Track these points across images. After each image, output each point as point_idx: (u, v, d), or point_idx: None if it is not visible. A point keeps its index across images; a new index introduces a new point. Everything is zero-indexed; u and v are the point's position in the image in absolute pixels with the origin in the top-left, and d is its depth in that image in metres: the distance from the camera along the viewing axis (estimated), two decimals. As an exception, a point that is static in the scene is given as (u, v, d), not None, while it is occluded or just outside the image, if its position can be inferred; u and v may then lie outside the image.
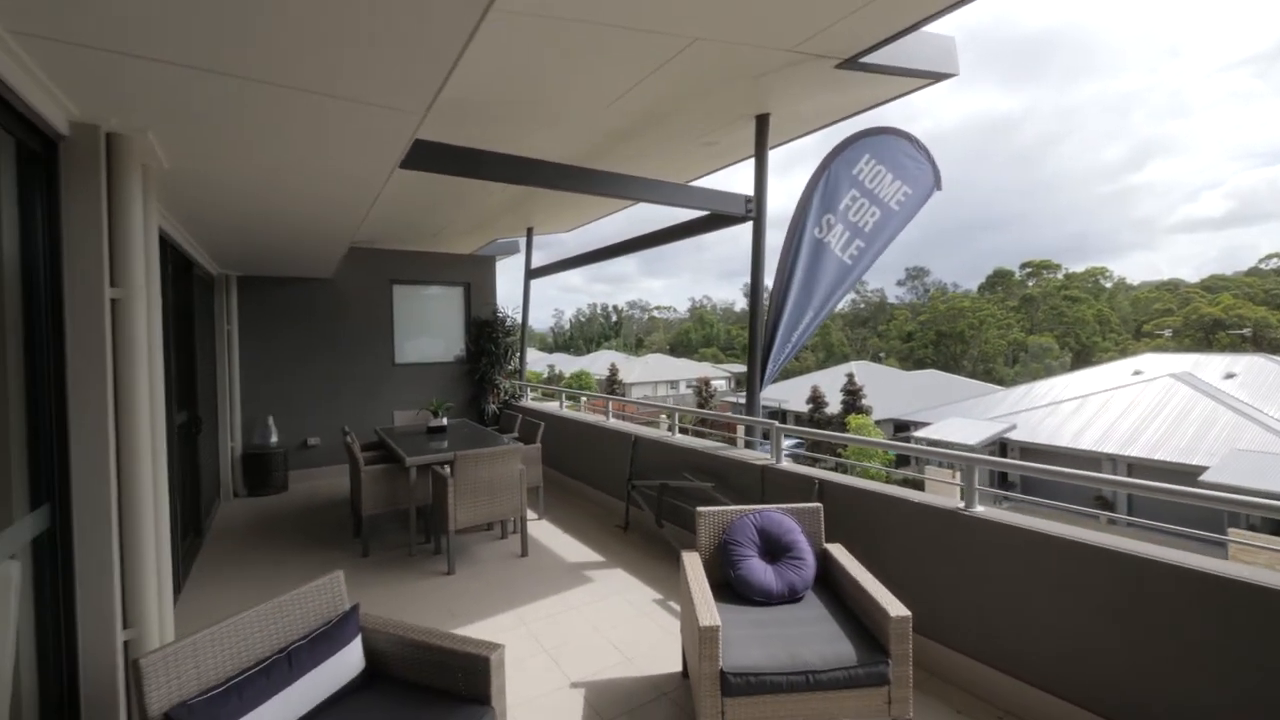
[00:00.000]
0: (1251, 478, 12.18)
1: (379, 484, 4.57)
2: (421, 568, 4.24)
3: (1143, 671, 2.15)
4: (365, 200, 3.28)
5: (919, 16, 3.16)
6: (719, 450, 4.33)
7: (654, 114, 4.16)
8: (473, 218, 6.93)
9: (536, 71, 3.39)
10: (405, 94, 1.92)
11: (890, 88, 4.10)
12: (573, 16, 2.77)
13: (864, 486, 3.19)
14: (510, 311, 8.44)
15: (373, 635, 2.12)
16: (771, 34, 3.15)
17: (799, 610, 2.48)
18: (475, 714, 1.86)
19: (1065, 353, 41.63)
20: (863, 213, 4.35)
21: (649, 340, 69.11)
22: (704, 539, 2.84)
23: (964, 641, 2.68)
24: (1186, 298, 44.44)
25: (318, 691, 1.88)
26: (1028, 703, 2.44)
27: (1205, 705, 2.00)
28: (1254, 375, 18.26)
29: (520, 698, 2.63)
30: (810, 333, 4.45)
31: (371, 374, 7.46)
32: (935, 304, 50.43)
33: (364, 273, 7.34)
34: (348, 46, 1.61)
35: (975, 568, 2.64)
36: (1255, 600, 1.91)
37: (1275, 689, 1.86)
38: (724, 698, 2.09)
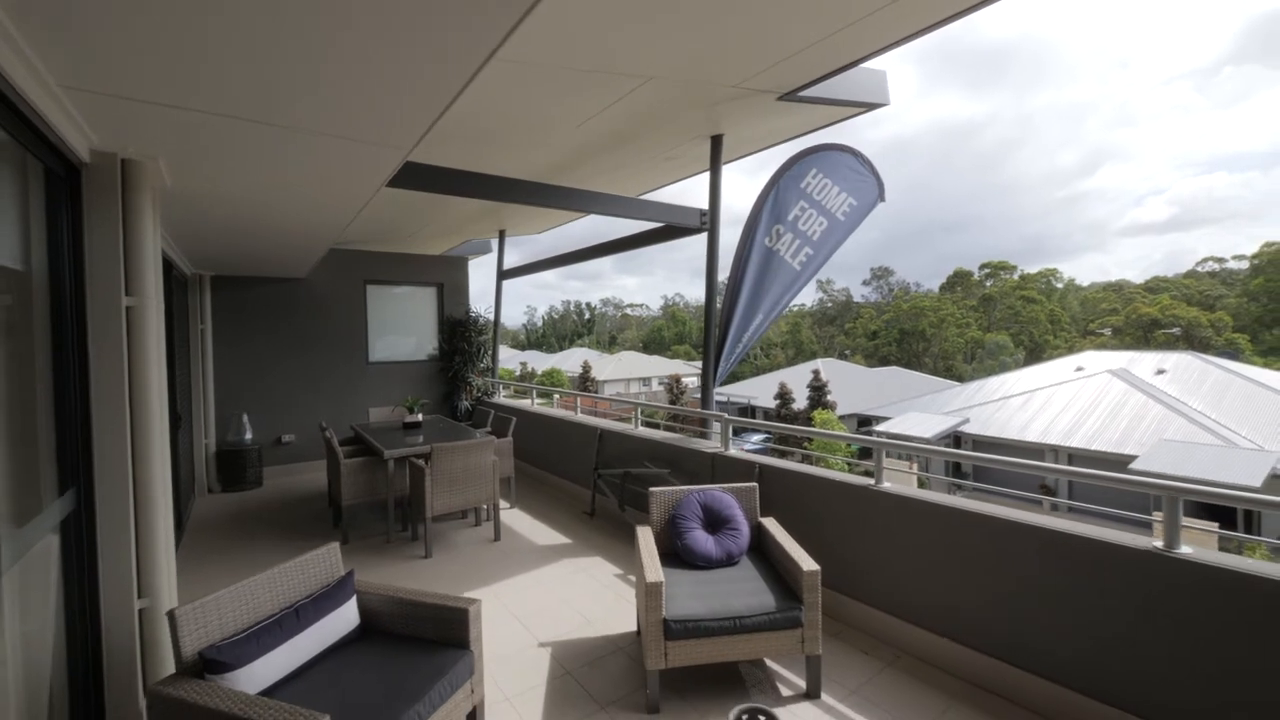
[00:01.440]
0: (1174, 465, 13.28)
1: (357, 476, 4.85)
2: (400, 553, 4.55)
3: (1006, 612, 2.64)
4: (349, 213, 3.58)
5: (847, 60, 3.61)
6: (675, 440, 4.75)
7: (617, 134, 4.54)
8: (447, 222, 7.19)
9: (509, 103, 3.75)
10: (394, 134, 2.27)
11: (829, 115, 4.57)
12: (540, 61, 3.14)
13: (795, 469, 3.65)
14: (483, 311, 8.72)
15: (366, 596, 2.46)
16: (717, 74, 3.57)
17: (734, 572, 2.91)
18: (456, 655, 2.23)
19: (1019, 350, 43.61)
20: (810, 222, 4.80)
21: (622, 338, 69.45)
22: (656, 515, 3.25)
23: (871, 595, 3.16)
24: (1130, 298, 47.00)
25: (321, 641, 2.22)
26: (919, 643, 2.92)
27: (1047, 632, 2.50)
28: (1182, 371, 19.64)
29: (494, 656, 2.99)
30: (761, 333, 4.89)
31: (346, 372, 7.67)
32: (899, 303, 52.13)
33: (338, 273, 7.53)
34: (345, 96, 1.94)
35: (880, 533, 3.12)
36: (1094, 551, 2.40)
37: (1104, 622, 2.36)
38: (666, 641, 2.51)
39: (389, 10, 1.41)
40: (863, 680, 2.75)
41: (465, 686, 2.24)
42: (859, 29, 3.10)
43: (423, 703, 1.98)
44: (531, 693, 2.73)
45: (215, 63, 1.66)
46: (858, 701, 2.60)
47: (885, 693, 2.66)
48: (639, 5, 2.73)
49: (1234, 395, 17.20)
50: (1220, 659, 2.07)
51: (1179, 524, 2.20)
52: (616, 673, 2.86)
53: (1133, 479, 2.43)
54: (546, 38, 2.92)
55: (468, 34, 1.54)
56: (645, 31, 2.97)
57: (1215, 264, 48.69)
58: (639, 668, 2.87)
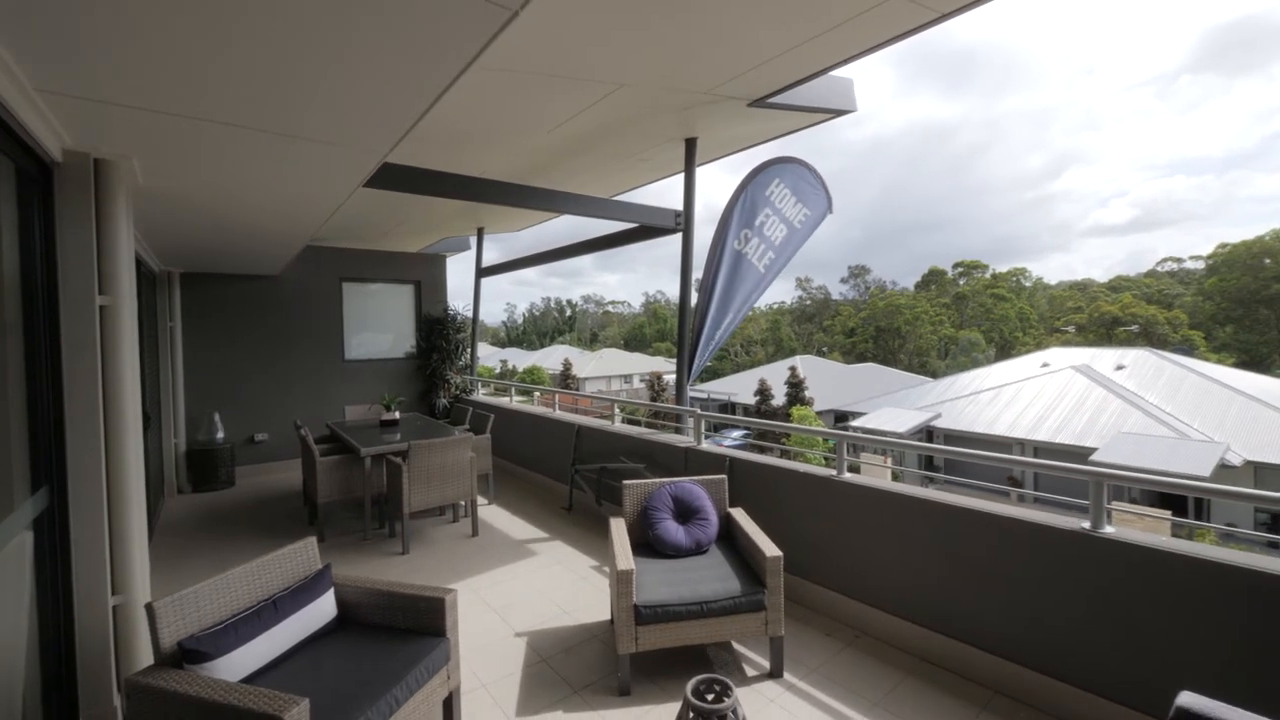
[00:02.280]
0: (1131, 457, 13.87)
1: (334, 473, 4.86)
2: (377, 549, 4.58)
3: (956, 593, 2.81)
4: (325, 213, 3.60)
5: (815, 69, 3.75)
6: (650, 435, 4.87)
7: (593, 136, 4.63)
8: (425, 219, 7.20)
9: (485, 106, 3.82)
10: (371, 138, 2.33)
11: (799, 120, 4.72)
12: (515, 67, 3.22)
13: (764, 461, 3.79)
14: (461, 308, 8.72)
15: (343, 589, 2.53)
16: (688, 81, 3.68)
17: (703, 560, 3.04)
18: (433, 642, 2.31)
19: (991, 347, 44.77)
20: (773, 228, 5.02)
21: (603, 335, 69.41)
22: (629, 507, 3.36)
23: (833, 579, 3.32)
24: (1094, 296, 48.57)
25: (299, 632, 2.28)
26: (877, 623, 3.09)
27: (994, 613, 2.67)
28: (1140, 367, 20.43)
29: (472, 646, 3.07)
30: (730, 332, 5.05)
31: (321, 370, 7.62)
32: (875, 301, 53.03)
33: (313, 270, 7.47)
34: (322, 101, 2.00)
35: (842, 522, 3.28)
36: (1033, 534, 2.58)
37: (1040, 597, 2.54)
38: (637, 626, 2.62)
39: (367, 20, 1.48)
40: (823, 659, 2.90)
41: (442, 672, 2.32)
42: (826, 39, 3.23)
43: (400, 687, 2.06)
44: (508, 679, 2.82)
45: (190, 68, 1.70)
46: (818, 679, 2.75)
47: (844, 670, 2.81)
48: (612, 16, 2.82)
49: (1187, 390, 17.96)
50: (1131, 625, 2.26)
51: (1104, 506, 2.39)
52: (590, 659, 2.97)
53: (1064, 466, 2.62)
54: (521, 44, 3.00)
55: (446, 43, 1.62)
56: (618, 40, 3.07)
57: (1174, 264, 50.60)
58: (612, 653, 2.98)
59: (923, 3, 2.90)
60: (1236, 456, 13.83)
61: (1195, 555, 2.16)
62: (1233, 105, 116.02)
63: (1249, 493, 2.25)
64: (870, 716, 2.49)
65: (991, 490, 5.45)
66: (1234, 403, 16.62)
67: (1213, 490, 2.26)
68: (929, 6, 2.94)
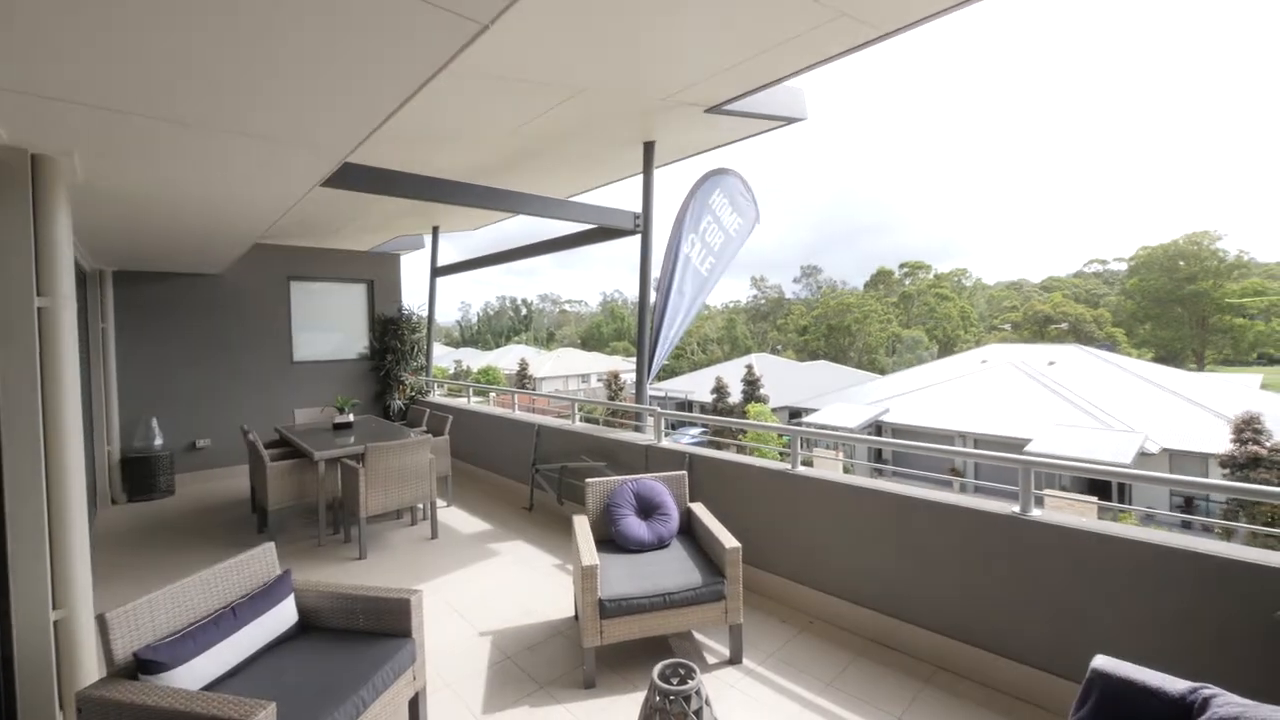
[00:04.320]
0: (1060, 446, 14.87)
1: (285, 479, 4.73)
2: (333, 555, 4.49)
3: (902, 577, 3.01)
4: (277, 212, 3.52)
5: (768, 79, 3.89)
6: (611, 434, 4.95)
7: (553, 137, 4.66)
8: (378, 218, 7.03)
9: (443, 108, 3.80)
10: (330, 141, 2.31)
11: (754, 127, 4.88)
12: (475, 73, 3.23)
13: (723, 457, 3.93)
14: (416, 308, 8.56)
15: (304, 594, 2.50)
16: (646, 87, 3.77)
17: (665, 554, 3.14)
18: (399, 644, 2.32)
19: (934, 344, 46.89)
20: (714, 235, 5.28)
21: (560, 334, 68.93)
22: (592, 504, 3.43)
23: (788, 569, 3.49)
24: (1028, 295, 51.59)
25: (260, 638, 2.25)
26: (829, 608, 3.27)
27: (936, 594, 2.88)
28: (1069, 362, 21.91)
29: (435, 648, 3.07)
30: (684, 331, 5.22)
31: (268, 372, 7.34)
32: (826, 300, 54.70)
33: (259, 269, 7.19)
34: (280, 103, 1.99)
35: (796, 513, 3.45)
36: (970, 519, 2.79)
37: (977, 577, 2.75)
38: (602, 620, 2.70)
39: (336, 27, 1.49)
40: (779, 644, 3.06)
41: (407, 673, 2.33)
42: (779, 52, 3.38)
43: (366, 688, 2.07)
44: (473, 679, 2.84)
45: (138, 64, 1.66)
46: (775, 663, 2.89)
47: (799, 654, 2.97)
48: (571, 25, 2.88)
49: (1111, 383, 19.36)
50: (1055, 599, 2.50)
51: (1031, 491, 2.62)
52: (555, 655, 3.03)
53: (995, 455, 2.85)
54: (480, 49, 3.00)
55: (415, 52, 1.64)
56: (578, 48, 3.13)
57: (1099, 265, 54.23)
58: (577, 648, 3.04)
59: (867, 22, 3.09)
60: (1154, 445, 15.02)
61: (1109, 534, 2.40)
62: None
63: (1164, 477, 2.53)
64: (823, 696, 2.65)
65: (936, 480, 5.79)
66: (1152, 395, 18.03)
67: (1132, 475, 2.51)
68: (873, 25, 3.13)
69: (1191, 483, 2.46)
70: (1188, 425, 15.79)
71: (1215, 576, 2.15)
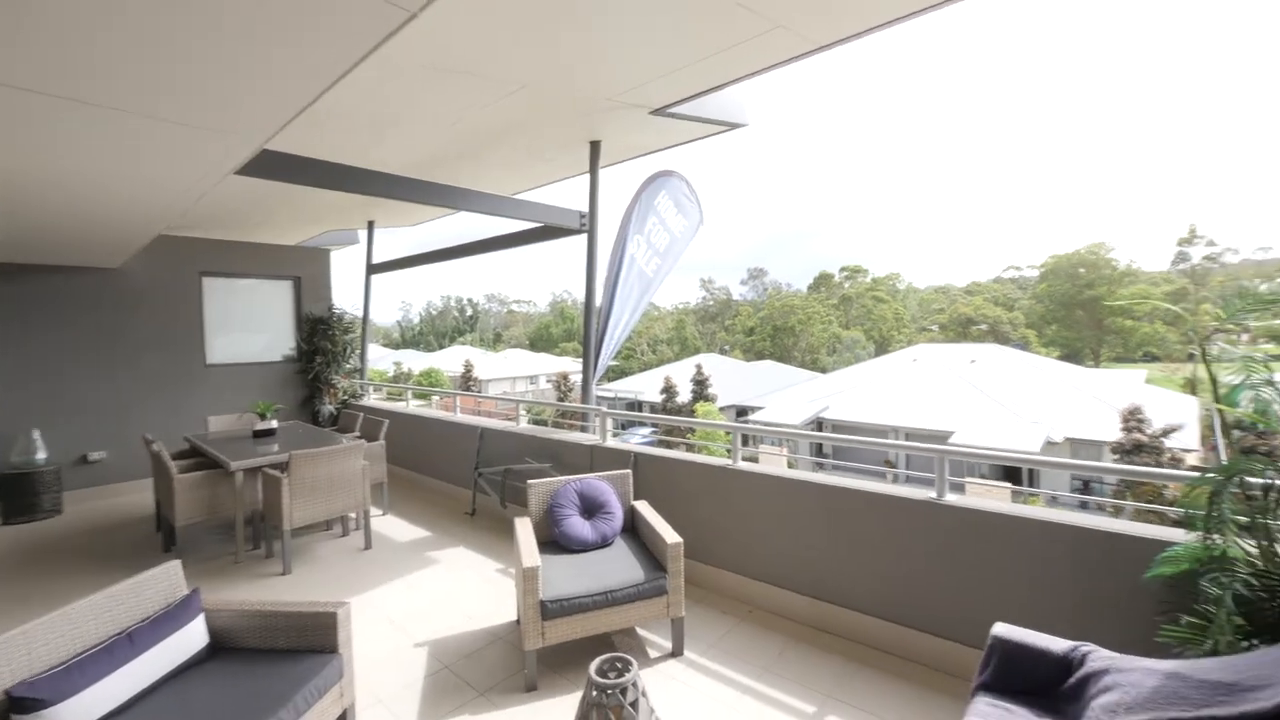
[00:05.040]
0: (980, 437, 15.89)
1: (196, 492, 4.38)
2: (253, 572, 4.20)
3: (834, 563, 3.12)
4: (186, 201, 3.25)
5: (710, 85, 3.95)
6: (556, 435, 4.89)
7: (495, 133, 4.56)
8: (305, 210, 6.66)
9: (378, 96, 3.65)
10: (247, 124, 2.16)
11: (698, 131, 4.95)
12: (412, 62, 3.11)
13: (667, 455, 3.96)
14: (349, 307, 8.17)
15: (216, 614, 2.32)
16: (590, 87, 3.75)
17: (609, 552, 3.13)
18: (324, 660, 2.19)
19: (871, 344, 49.14)
20: (659, 236, 5.34)
21: (508, 335, 67.59)
22: (534, 506, 3.37)
23: (729, 561, 3.55)
24: (954, 299, 54.94)
25: (163, 665, 2.07)
26: (767, 597, 3.36)
27: (864, 577, 3.01)
28: (989, 360, 23.50)
29: (368, 662, 2.92)
30: (628, 332, 5.23)
31: (177, 377, 6.79)
32: (772, 302, 56.22)
33: (165, 263, 6.63)
34: (190, 81, 1.84)
35: (737, 506, 3.51)
36: (895, 505, 2.92)
37: (902, 560, 2.89)
38: (543, 621, 2.65)
39: (255, 5, 1.39)
40: (720, 635, 3.10)
41: (334, 690, 2.21)
42: (720, 59, 3.45)
43: (286, 709, 1.94)
44: (407, 691, 2.72)
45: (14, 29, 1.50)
46: (715, 654, 2.93)
47: (738, 643, 3.03)
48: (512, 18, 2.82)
49: (1023, 379, 20.90)
50: (965, 576, 2.67)
51: (945, 478, 2.79)
52: (496, 660, 2.95)
53: (916, 446, 3.01)
54: (417, 38, 2.91)
55: (339, 37, 1.55)
56: (520, 42, 3.08)
57: (1015, 271, 58.42)
58: (519, 652, 2.98)
59: (803, 35, 3.19)
60: (1059, 434, 16.32)
61: (1011, 514, 2.58)
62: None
63: (1065, 462, 2.75)
64: (759, 681, 2.71)
65: (873, 473, 6.04)
66: (1057, 390, 19.59)
67: (1034, 461, 2.72)
68: (809, 38, 3.24)
69: (1087, 466, 2.71)
70: (1086, 416, 17.25)
71: (1096, 547, 2.37)
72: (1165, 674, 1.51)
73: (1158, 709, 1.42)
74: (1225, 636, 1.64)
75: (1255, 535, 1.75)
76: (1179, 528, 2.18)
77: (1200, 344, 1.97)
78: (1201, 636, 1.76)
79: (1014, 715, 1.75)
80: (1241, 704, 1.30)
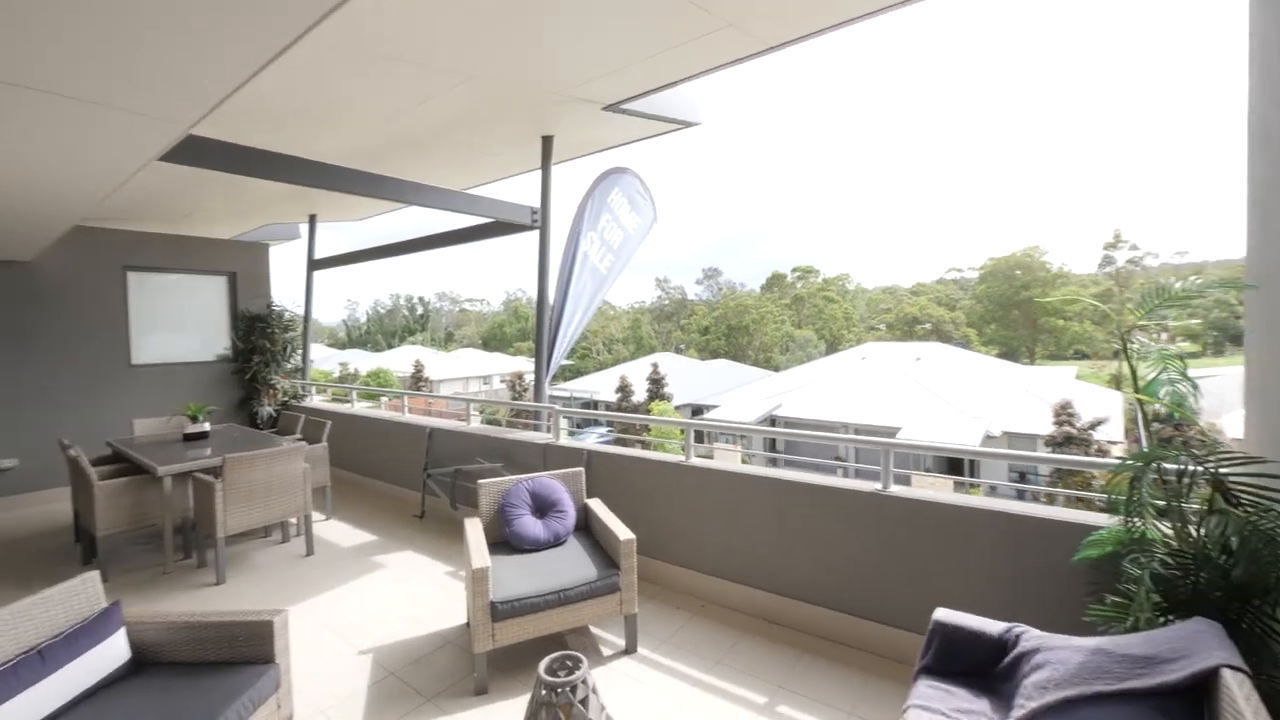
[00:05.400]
0: (927, 433, 16.62)
1: (119, 499, 4.09)
2: (183, 582, 3.96)
3: (784, 556, 3.20)
4: (104, 189, 3.03)
5: (661, 82, 3.97)
6: (508, 434, 4.81)
7: (442, 125, 4.44)
8: (241, 202, 6.32)
9: (319, 83, 3.49)
10: (173, 107, 2.02)
11: (651, 128, 4.96)
12: (355, 47, 3.00)
13: (620, 452, 3.96)
14: (290, 304, 7.80)
15: (139, 627, 2.17)
16: (540, 80, 3.71)
17: (562, 551, 3.10)
18: (258, 671, 2.09)
19: (822, 343, 50.60)
20: (613, 233, 5.35)
21: (460, 334, 66.05)
22: (485, 506, 3.31)
23: (682, 556, 3.59)
24: (900, 299, 57.23)
25: (77, 683, 1.92)
26: (720, 591, 3.41)
27: (813, 569, 3.10)
28: (933, 358, 24.61)
29: (308, 672, 2.80)
30: (581, 329, 5.21)
31: (99, 378, 6.33)
32: (726, 301, 57.08)
33: (84, 256, 6.17)
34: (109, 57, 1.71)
35: (690, 502, 3.55)
36: (844, 498, 3.02)
37: (850, 551, 2.99)
38: (494, 623, 2.60)
39: None
40: (673, 630, 3.13)
41: (270, 702, 2.11)
42: (670, 56, 3.47)
43: (216, 725, 1.84)
44: (350, 701, 2.63)
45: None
46: (668, 649, 2.96)
47: (691, 637, 3.06)
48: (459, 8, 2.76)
49: (964, 376, 21.98)
50: (908, 564, 2.79)
51: (890, 470, 2.91)
52: (445, 665, 2.88)
53: (863, 440, 3.12)
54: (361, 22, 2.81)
55: (272, 15, 1.47)
56: (468, 31, 3.01)
57: (957, 272, 61.34)
58: (469, 656, 2.91)
59: (753, 34, 3.25)
60: (997, 428, 17.25)
61: (950, 503, 2.71)
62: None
63: (1002, 453, 2.91)
64: (711, 674, 2.75)
65: (823, 467, 6.22)
66: (996, 386, 20.70)
67: (973, 452, 2.86)
68: (758, 38, 3.30)
69: (1022, 457, 2.87)
70: (1022, 411, 18.31)
71: (1029, 533, 2.51)
72: (1091, 650, 1.61)
73: (1084, 683, 1.51)
74: (1145, 613, 1.74)
75: (1171, 518, 1.85)
76: (1104, 513, 2.30)
77: (1123, 339, 2.08)
78: (1124, 614, 1.87)
79: (954, 696, 1.84)
80: (1159, 675, 1.40)
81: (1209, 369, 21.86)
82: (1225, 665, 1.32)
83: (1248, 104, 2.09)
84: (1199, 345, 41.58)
